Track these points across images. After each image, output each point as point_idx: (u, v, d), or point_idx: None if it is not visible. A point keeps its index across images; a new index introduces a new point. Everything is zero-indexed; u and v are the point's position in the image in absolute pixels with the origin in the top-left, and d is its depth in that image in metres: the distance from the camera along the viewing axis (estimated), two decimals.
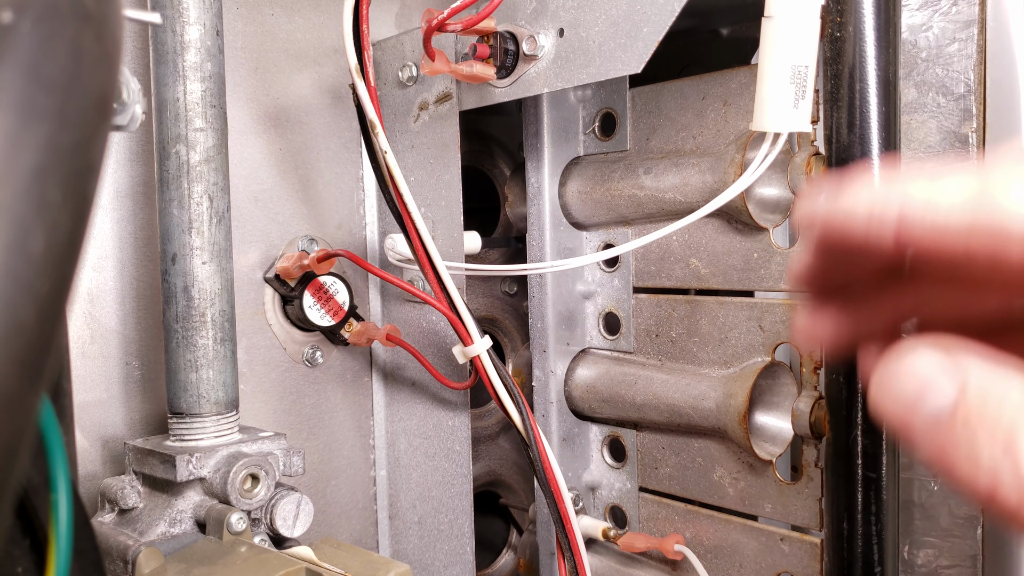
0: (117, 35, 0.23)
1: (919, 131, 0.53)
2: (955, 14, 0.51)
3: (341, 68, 0.76)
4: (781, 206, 0.61)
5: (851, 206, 0.29)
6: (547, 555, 0.75)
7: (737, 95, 0.61)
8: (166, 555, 0.55)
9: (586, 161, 0.71)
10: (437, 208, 0.70)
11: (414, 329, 0.74)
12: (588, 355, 0.73)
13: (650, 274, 0.68)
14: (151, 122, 0.61)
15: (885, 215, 0.28)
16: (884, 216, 0.28)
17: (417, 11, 0.79)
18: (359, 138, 0.77)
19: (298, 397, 0.75)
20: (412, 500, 0.76)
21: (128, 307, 0.67)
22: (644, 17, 0.54)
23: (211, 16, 0.60)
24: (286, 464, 0.61)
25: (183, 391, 0.61)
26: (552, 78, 0.60)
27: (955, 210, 0.27)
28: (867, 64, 0.48)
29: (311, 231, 0.75)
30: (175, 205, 0.60)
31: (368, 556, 0.55)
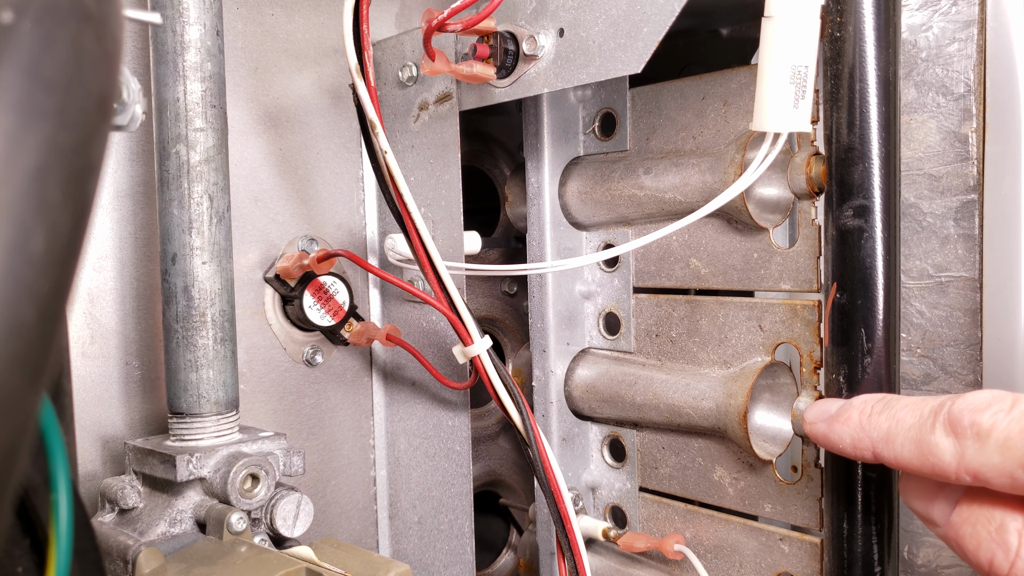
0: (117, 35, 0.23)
1: (919, 131, 0.53)
2: (955, 14, 0.51)
3: (341, 68, 0.76)
4: (781, 206, 0.61)
5: (837, 440, 0.45)
6: (547, 555, 0.75)
7: (737, 95, 0.61)
8: (166, 555, 0.55)
9: (586, 161, 0.71)
10: (437, 208, 0.70)
11: (414, 329, 0.74)
12: (588, 355, 0.73)
13: (650, 274, 0.68)
14: (151, 122, 0.61)
15: (862, 448, 0.44)
16: (862, 448, 0.44)
17: (417, 11, 0.79)
18: (359, 138, 0.77)
19: (298, 397, 0.75)
20: (412, 500, 0.76)
21: (128, 307, 0.67)
22: (644, 17, 0.54)
23: (211, 16, 0.60)
24: (286, 464, 0.61)
25: (183, 391, 0.61)
26: (552, 78, 0.60)
27: (905, 447, 0.41)
28: (867, 64, 0.48)
29: (311, 231, 0.75)
30: (175, 205, 0.60)
31: (368, 556, 0.55)
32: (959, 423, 0.38)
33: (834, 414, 0.46)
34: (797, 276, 0.58)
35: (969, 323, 0.52)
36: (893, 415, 0.42)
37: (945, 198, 0.53)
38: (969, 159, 0.52)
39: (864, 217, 0.49)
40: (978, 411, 0.38)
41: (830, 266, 0.51)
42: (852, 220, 0.49)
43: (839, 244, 0.50)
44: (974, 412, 0.38)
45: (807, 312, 0.58)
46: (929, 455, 0.39)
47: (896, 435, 0.41)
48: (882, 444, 0.42)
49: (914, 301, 0.54)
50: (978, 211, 0.52)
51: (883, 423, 0.42)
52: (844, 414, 0.45)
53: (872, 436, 0.43)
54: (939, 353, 0.54)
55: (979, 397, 0.38)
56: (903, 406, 0.42)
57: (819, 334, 0.57)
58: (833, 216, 0.50)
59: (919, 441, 0.40)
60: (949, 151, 0.52)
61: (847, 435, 0.44)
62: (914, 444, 0.40)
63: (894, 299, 0.49)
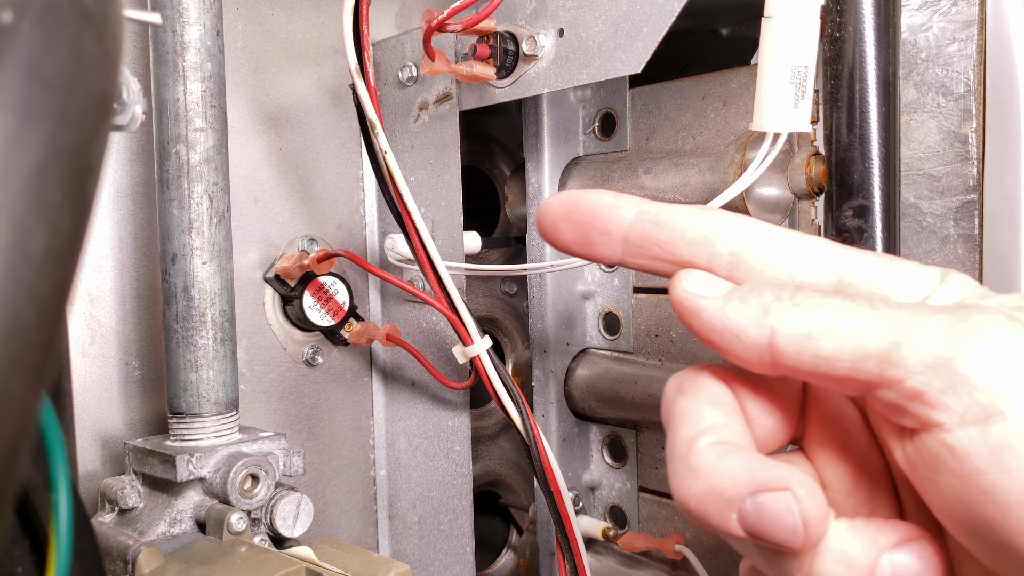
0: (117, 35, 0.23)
1: (919, 131, 0.53)
2: (955, 14, 0.51)
3: (341, 68, 0.76)
4: (781, 206, 0.61)
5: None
6: (547, 555, 0.74)
7: (737, 95, 0.61)
8: (166, 555, 0.55)
9: (586, 161, 0.71)
10: (437, 208, 0.70)
11: (414, 329, 0.74)
12: (588, 355, 0.73)
13: (650, 274, 0.68)
14: (151, 122, 0.61)
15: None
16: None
17: (417, 11, 0.79)
18: (359, 138, 0.77)
19: (298, 397, 0.75)
20: (412, 500, 0.76)
21: (128, 307, 0.67)
22: (644, 17, 0.54)
23: (211, 16, 0.60)
24: (286, 464, 0.61)
25: (183, 391, 0.61)
26: (552, 78, 0.60)
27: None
28: (867, 64, 0.48)
29: (311, 231, 0.75)
30: (175, 205, 0.60)
31: (368, 556, 0.55)
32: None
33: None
34: None
35: None
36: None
37: (945, 198, 0.53)
38: (969, 159, 0.52)
39: (864, 217, 0.49)
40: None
41: None
42: (852, 220, 0.49)
43: None
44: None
45: None
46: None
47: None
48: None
49: None
50: (978, 211, 0.52)
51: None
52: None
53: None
54: None
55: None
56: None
57: None
58: (833, 216, 0.50)
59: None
60: (949, 151, 0.52)
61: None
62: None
63: None
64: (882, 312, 0.27)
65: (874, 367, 0.27)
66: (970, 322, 0.26)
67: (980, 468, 0.25)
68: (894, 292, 0.30)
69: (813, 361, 0.28)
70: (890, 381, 0.27)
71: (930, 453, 0.26)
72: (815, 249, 0.30)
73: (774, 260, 0.30)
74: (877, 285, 0.30)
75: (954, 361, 0.26)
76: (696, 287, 0.30)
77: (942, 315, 0.27)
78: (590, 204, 0.32)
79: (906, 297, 0.30)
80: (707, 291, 0.30)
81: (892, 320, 0.27)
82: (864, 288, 0.30)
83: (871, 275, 0.30)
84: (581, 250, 0.32)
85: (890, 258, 0.31)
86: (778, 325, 0.28)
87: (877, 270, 0.30)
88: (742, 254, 0.30)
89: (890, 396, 0.27)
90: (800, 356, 0.28)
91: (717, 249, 0.30)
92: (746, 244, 0.30)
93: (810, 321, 0.28)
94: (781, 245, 0.30)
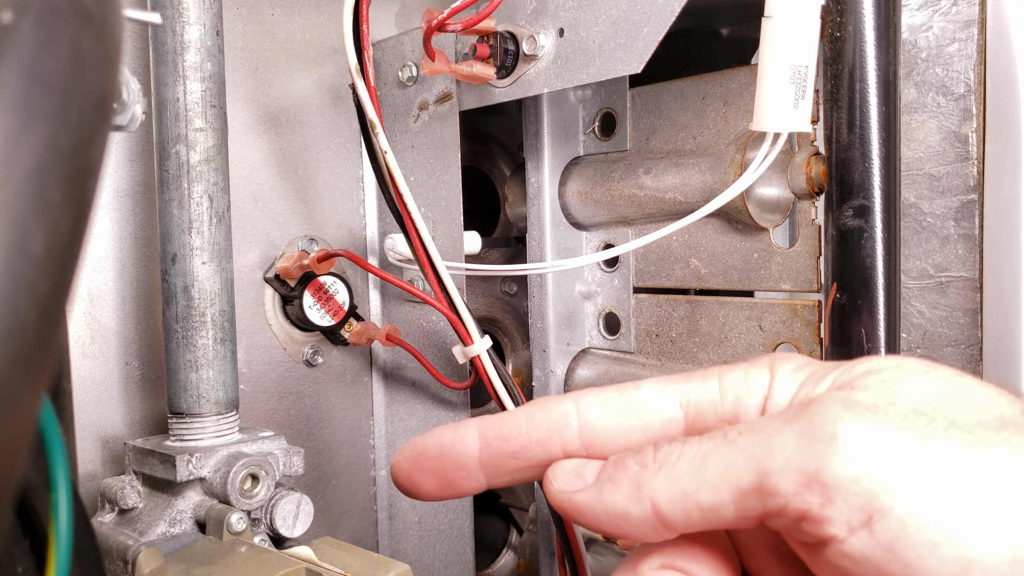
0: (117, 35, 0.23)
1: (919, 131, 0.53)
2: (955, 14, 0.51)
3: (341, 68, 0.76)
4: (781, 206, 0.61)
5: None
6: (547, 555, 0.74)
7: (737, 95, 0.61)
8: (166, 555, 0.55)
9: (586, 161, 0.71)
10: (437, 208, 0.70)
11: (414, 329, 0.74)
12: (588, 355, 0.73)
13: (650, 274, 0.68)
14: (151, 122, 0.61)
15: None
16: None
17: (417, 11, 0.79)
18: (359, 138, 0.77)
19: (298, 397, 0.75)
20: (412, 500, 0.76)
21: (128, 307, 0.67)
22: (644, 17, 0.54)
23: (211, 16, 0.60)
24: (286, 464, 0.61)
25: (183, 391, 0.61)
26: (552, 78, 0.60)
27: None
28: (867, 64, 0.48)
29: (311, 231, 0.75)
30: (175, 205, 0.60)
31: (368, 556, 0.55)
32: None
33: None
34: (797, 276, 0.58)
35: (969, 323, 0.52)
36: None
37: (945, 198, 0.53)
38: (969, 159, 0.52)
39: (864, 217, 0.49)
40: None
41: (830, 266, 0.51)
42: (852, 220, 0.49)
43: (839, 244, 0.50)
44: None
45: (807, 312, 0.58)
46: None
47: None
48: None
49: (914, 301, 0.54)
50: (978, 211, 0.52)
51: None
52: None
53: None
54: (939, 353, 0.54)
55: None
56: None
57: (819, 334, 0.57)
58: (833, 216, 0.50)
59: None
60: (949, 151, 0.52)
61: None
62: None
63: (894, 299, 0.49)
64: (738, 443, 0.27)
65: (755, 502, 0.27)
66: (815, 426, 0.26)
67: (882, 568, 0.25)
68: (737, 408, 0.30)
69: (701, 515, 0.28)
70: (774, 510, 0.26)
71: (836, 565, 0.26)
72: (651, 394, 0.31)
73: (618, 419, 0.31)
74: (717, 406, 0.30)
75: (819, 474, 0.25)
76: (566, 484, 0.30)
77: (791, 426, 0.27)
78: (434, 448, 0.32)
79: (748, 404, 0.30)
80: (577, 484, 0.30)
81: (750, 448, 0.27)
82: (708, 412, 0.30)
83: (709, 397, 0.31)
84: (447, 493, 0.32)
85: (719, 371, 0.31)
86: (654, 495, 0.28)
87: (711, 390, 0.31)
88: (589, 431, 0.31)
89: (781, 522, 0.27)
90: (688, 516, 0.28)
91: (565, 436, 0.31)
92: (588, 419, 0.31)
93: (679, 477, 0.28)
94: (617, 403, 0.31)
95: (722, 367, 0.31)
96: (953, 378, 0.28)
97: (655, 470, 0.28)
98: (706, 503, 0.27)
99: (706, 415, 0.30)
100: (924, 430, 0.26)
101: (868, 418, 0.26)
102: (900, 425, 0.26)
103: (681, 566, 0.30)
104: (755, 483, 0.26)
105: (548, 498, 0.31)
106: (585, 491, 0.29)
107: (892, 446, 0.25)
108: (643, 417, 0.31)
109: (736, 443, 0.27)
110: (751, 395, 0.30)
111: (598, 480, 0.29)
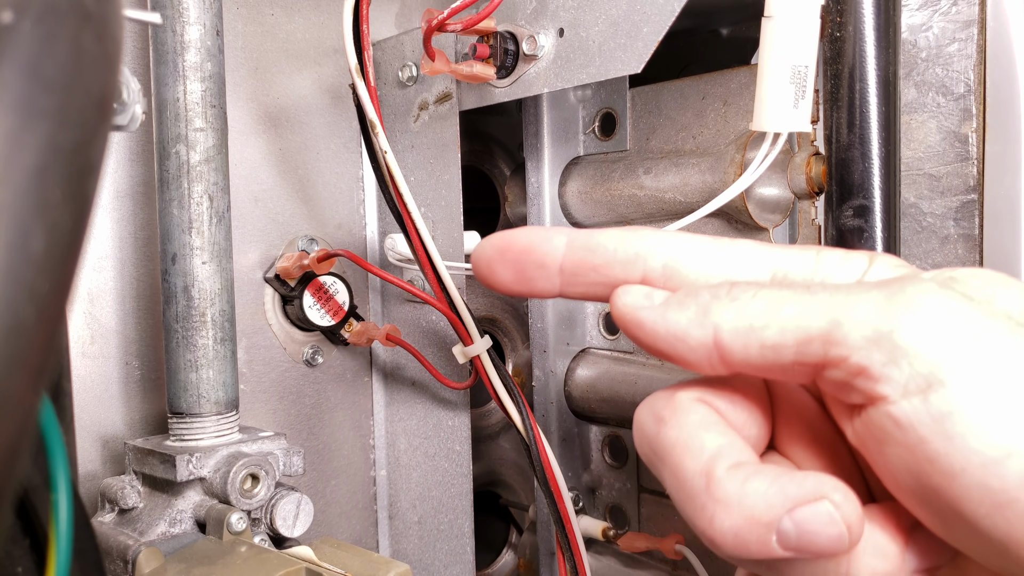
0: (117, 35, 0.23)
1: (919, 131, 0.53)
2: (955, 14, 0.51)
3: (341, 68, 0.76)
4: (781, 206, 0.61)
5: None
6: (547, 555, 0.74)
7: (737, 95, 0.61)
8: (166, 555, 0.55)
9: (586, 161, 0.71)
10: (437, 208, 0.70)
11: (414, 329, 0.74)
12: (588, 355, 0.73)
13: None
14: (151, 122, 0.61)
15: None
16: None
17: (417, 11, 0.79)
18: (359, 138, 0.77)
19: (298, 397, 0.75)
20: (412, 500, 0.76)
21: (128, 307, 0.67)
22: (644, 17, 0.54)
23: (211, 16, 0.60)
24: (286, 464, 0.61)
25: (183, 391, 0.61)
26: (552, 78, 0.60)
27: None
28: (867, 64, 0.48)
29: (311, 231, 0.75)
30: (175, 205, 0.60)
31: (368, 556, 0.55)
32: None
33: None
34: None
35: None
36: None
37: (945, 198, 0.53)
38: (969, 159, 0.52)
39: (864, 217, 0.49)
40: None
41: None
42: (852, 220, 0.49)
43: (839, 244, 0.50)
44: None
45: None
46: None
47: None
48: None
49: None
50: (978, 211, 0.52)
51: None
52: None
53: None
54: None
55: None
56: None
57: None
58: (833, 216, 0.50)
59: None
60: (949, 151, 0.52)
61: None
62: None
63: None
64: (819, 295, 0.27)
65: (818, 349, 0.27)
66: (905, 293, 0.26)
67: (924, 437, 0.25)
68: (827, 279, 0.30)
69: (760, 352, 0.28)
70: (835, 360, 0.26)
71: (877, 426, 0.26)
72: (745, 251, 0.31)
73: (706, 266, 0.30)
74: (810, 275, 0.30)
75: (893, 333, 0.26)
76: (635, 300, 0.30)
77: (877, 291, 0.27)
78: (522, 241, 0.32)
79: (840, 281, 0.30)
80: (645, 302, 0.30)
81: (830, 300, 0.27)
82: (799, 279, 0.30)
83: (802, 267, 0.30)
84: (520, 287, 0.32)
85: (818, 248, 0.31)
86: (720, 321, 0.28)
87: (807, 261, 0.30)
88: (674, 265, 0.30)
89: (837, 375, 0.27)
90: (747, 349, 0.28)
91: (650, 264, 0.31)
92: (677, 255, 0.31)
93: (750, 312, 0.28)
94: (711, 251, 0.31)
95: (820, 247, 0.31)
96: None
97: (727, 302, 0.28)
98: (769, 340, 0.27)
99: (795, 281, 0.30)
100: (1012, 330, 0.26)
101: (960, 301, 0.26)
102: (989, 318, 0.26)
103: (718, 406, 0.30)
104: (824, 330, 0.26)
105: (613, 311, 0.30)
106: (651, 308, 0.29)
107: (974, 331, 0.26)
108: (732, 270, 0.30)
109: (817, 294, 0.27)
110: (846, 274, 0.30)
111: (667, 301, 0.29)
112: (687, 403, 0.30)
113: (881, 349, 0.26)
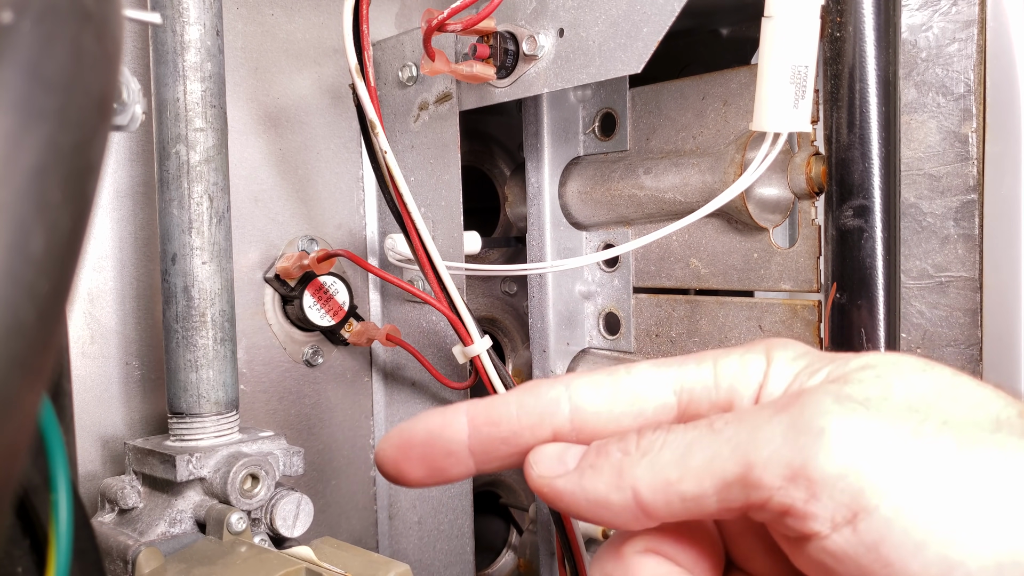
0: (117, 35, 0.23)
1: (919, 131, 0.53)
2: (955, 14, 0.51)
3: (341, 68, 0.76)
4: (781, 206, 0.61)
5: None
6: (547, 555, 0.74)
7: (737, 95, 0.61)
8: (166, 555, 0.55)
9: (586, 161, 0.71)
10: (437, 208, 0.70)
11: (414, 329, 0.74)
12: (588, 355, 0.73)
13: (650, 274, 0.68)
14: (151, 122, 0.61)
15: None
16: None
17: (417, 11, 0.79)
18: (359, 138, 0.77)
19: (298, 397, 0.75)
20: (412, 500, 0.76)
21: (128, 307, 0.67)
22: (644, 17, 0.54)
23: (211, 16, 0.60)
24: (286, 464, 0.61)
25: (183, 391, 0.61)
26: (552, 78, 0.60)
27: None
28: (867, 64, 0.48)
29: (311, 231, 0.75)
30: (175, 205, 0.60)
31: (368, 556, 0.55)
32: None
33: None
34: (797, 276, 0.58)
35: (969, 323, 0.52)
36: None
37: (945, 198, 0.53)
38: (969, 159, 0.52)
39: (864, 217, 0.49)
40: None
41: (830, 266, 0.51)
42: (852, 220, 0.49)
43: (839, 244, 0.50)
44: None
45: (807, 312, 0.58)
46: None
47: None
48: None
49: (914, 301, 0.54)
50: (978, 211, 0.52)
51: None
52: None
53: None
54: (939, 353, 0.54)
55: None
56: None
57: (819, 334, 0.57)
58: (833, 216, 0.50)
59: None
60: (949, 151, 0.52)
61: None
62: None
63: (894, 299, 0.49)
64: (725, 433, 0.27)
65: (739, 494, 0.26)
66: (803, 419, 0.25)
67: (865, 568, 0.24)
68: (730, 392, 0.29)
69: (683, 505, 0.27)
70: (758, 503, 0.26)
71: (818, 561, 0.26)
72: (644, 377, 0.30)
73: (610, 405, 0.30)
74: (711, 389, 0.29)
75: (805, 467, 0.25)
76: (548, 469, 0.29)
77: (778, 418, 0.26)
78: (422, 433, 0.31)
79: (743, 392, 0.29)
80: (558, 469, 0.29)
81: (736, 439, 0.26)
82: (702, 398, 0.29)
83: (703, 381, 0.30)
84: (435, 480, 0.31)
85: (714, 356, 0.30)
86: (635, 482, 0.27)
87: (706, 374, 0.30)
88: (580, 415, 0.30)
89: (764, 516, 0.26)
90: (669, 505, 0.27)
91: (556, 421, 0.30)
92: (579, 403, 0.30)
93: (663, 466, 0.27)
94: (611, 388, 0.30)
95: (718, 351, 0.30)
96: (950, 377, 0.27)
97: (638, 458, 0.28)
98: (688, 493, 0.27)
99: (700, 401, 0.30)
100: (916, 428, 0.25)
101: (859, 413, 0.25)
102: (892, 421, 0.25)
103: (665, 551, 0.29)
104: (739, 475, 0.26)
105: (529, 483, 0.30)
106: (566, 477, 0.29)
107: (882, 442, 0.25)
108: (635, 402, 0.30)
109: (722, 433, 0.27)
110: (746, 383, 0.29)
111: (579, 466, 0.29)
112: (635, 560, 0.29)
113: (798, 486, 0.25)
